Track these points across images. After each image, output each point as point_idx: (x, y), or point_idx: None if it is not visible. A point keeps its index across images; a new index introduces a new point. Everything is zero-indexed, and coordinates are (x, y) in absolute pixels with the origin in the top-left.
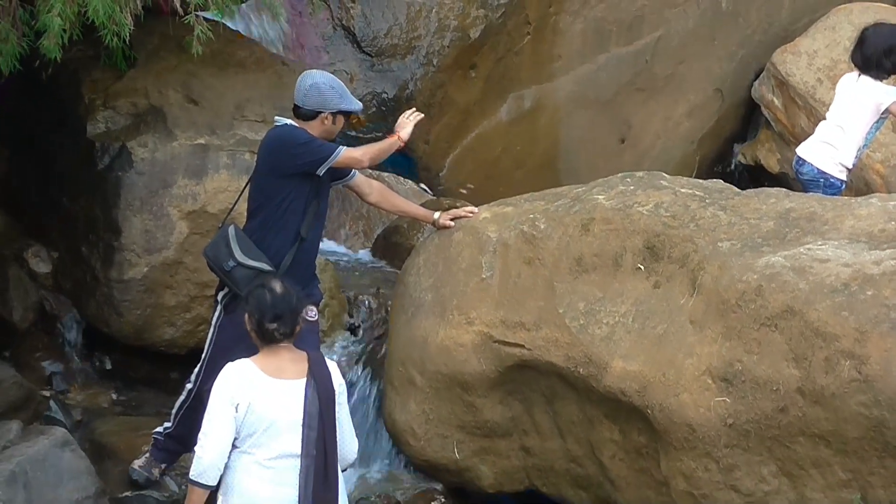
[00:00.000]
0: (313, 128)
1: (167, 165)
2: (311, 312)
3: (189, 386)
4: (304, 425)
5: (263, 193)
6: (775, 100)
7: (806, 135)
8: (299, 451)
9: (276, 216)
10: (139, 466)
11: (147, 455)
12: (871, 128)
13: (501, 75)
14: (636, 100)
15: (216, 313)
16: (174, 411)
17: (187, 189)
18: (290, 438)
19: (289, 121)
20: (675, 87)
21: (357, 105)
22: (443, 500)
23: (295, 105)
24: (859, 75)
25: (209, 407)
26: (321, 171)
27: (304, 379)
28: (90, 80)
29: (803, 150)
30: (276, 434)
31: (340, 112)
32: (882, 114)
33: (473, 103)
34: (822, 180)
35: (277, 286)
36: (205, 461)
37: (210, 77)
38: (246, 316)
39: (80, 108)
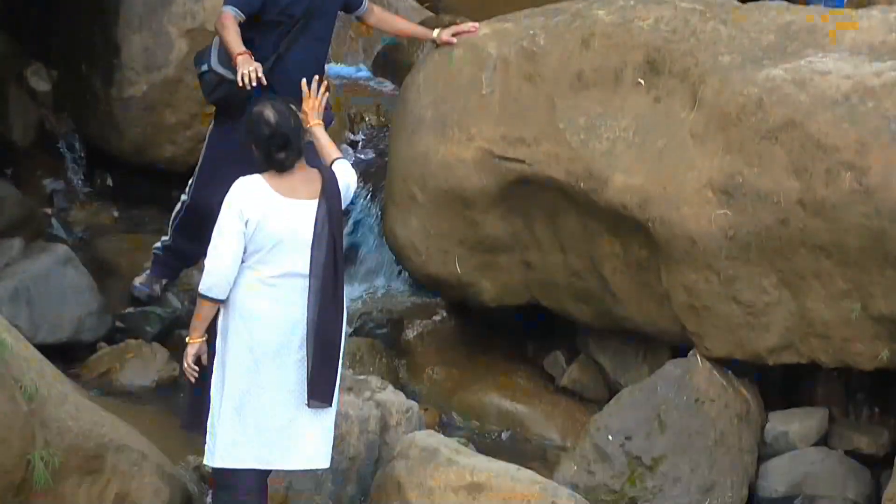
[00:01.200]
0: None
1: None
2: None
3: (183, 197)
4: (312, 246)
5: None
6: None
7: None
8: (307, 271)
9: (259, 27)
10: (140, 283)
11: (147, 272)
12: None
13: None
14: None
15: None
16: (170, 224)
17: (186, 7)
18: (297, 258)
19: None
20: None
21: None
22: (444, 313)
23: None
24: None
25: (219, 221)
26: None
27: (317, 200)
28: None
29: None
30: (282, 252)
31: None
32: None
33: None
34: None
35: (270, 112)
36: (214, 275)
37: None
38: (252, 146)
39: None
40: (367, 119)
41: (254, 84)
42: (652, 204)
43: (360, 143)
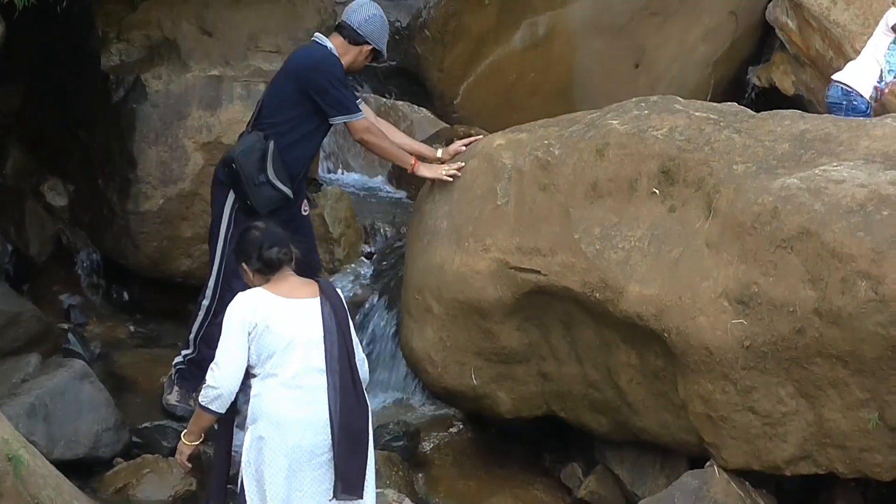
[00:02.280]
0: (349, 53)
1: (181, 97)
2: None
3: (206, 303)
4: (325, 340)
5: (282, 102)
6: (790, 22)
7: (820, 56)
8: (324, 366)
9: (290, 129)
10: (176, 401)
11: (177, 388)
12: (890, 49)
13: (515, 2)
14: (651, 24)
15: (224, 224)
16: (192, 336)
17: (202, 120)
18: (312, 354)
19: (330, 44)
20: (690, 11)
21: (385, 53)
22: (460, 426)
23: (343, 24)
24: None
25: (223, 335)
26: (333, 121)
27: (318, 298)
28: (103, 13)
29: (835, 75)
30: (296, 350)
31: (376, 51)
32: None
33: (487, 31)
34: (844, 102)
35: (261, 224)
36: (218, 389)
37: (224, 8)
38: (243, 267)
39: (93, 42)
40: (382, 230)
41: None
42: (668, 314)
43: (376, 254)
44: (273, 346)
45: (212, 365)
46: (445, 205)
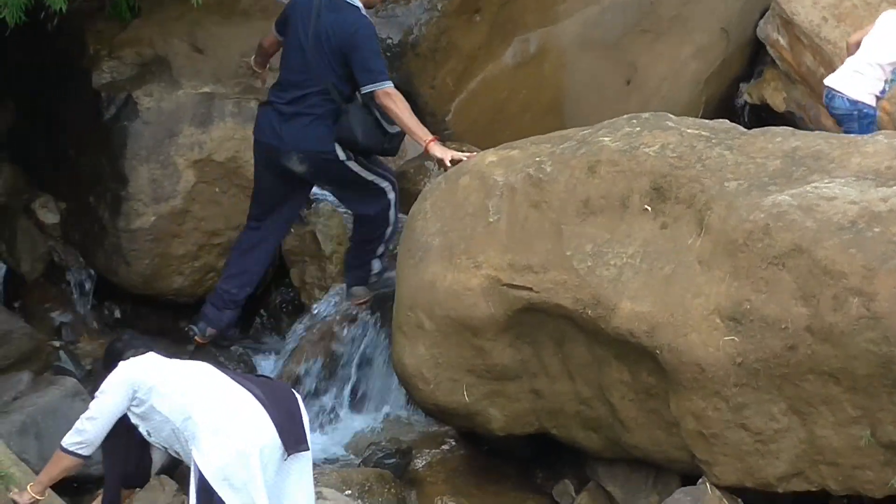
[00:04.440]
0: None
1: (173, 115)
2: None
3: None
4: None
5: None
6: (780, 39)
7: (811, 73)
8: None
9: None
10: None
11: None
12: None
13: (506, 19)
14: (642, 42)
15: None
16: None
17: (193, 138)
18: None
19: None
20: (681, 28)
21: None
22: (453, 443)
23: None
24: None
25: (105, 383)
26: (365, 89)
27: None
28: (95, 31)
29: (833, 82)
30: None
31: None
32: None
33: (478, 48)
34: (855, 112)
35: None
36: (89, 433)
37: (214, 26)
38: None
39: (85, 60)
40: None
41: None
42: (660, 331)
43: None
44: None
45: (85, 413)
46: (437, 222)
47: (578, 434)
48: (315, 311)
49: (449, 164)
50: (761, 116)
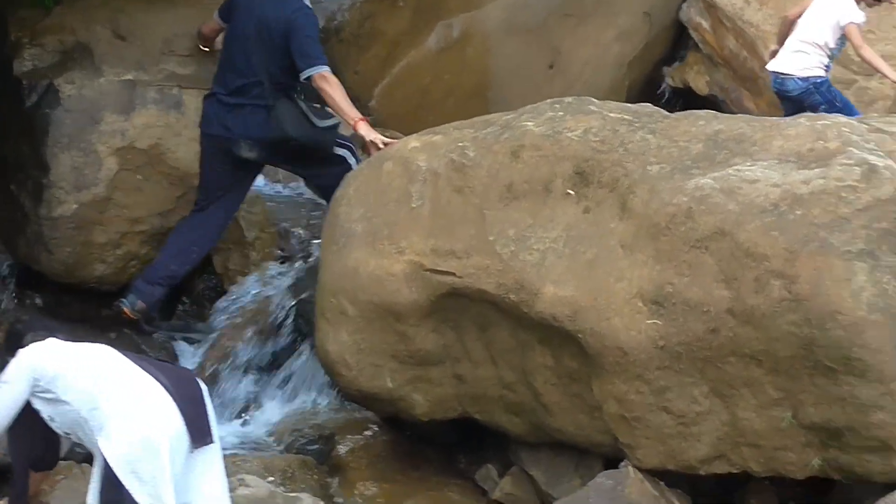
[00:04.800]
0: None
1: (95, 102)
2: None
3: None
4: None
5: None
6: (703, 22)
7: (734, 56)
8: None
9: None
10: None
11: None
12: (837, 43)
13: (430, 4)
14: (565, 26)
15: None
16: None
17: (115, 125)
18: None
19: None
20: (604, 12)
21: None
22: (376, 429)
23: None
24: None
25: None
26: (303, 75)
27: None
28: (17, 19)
29: (778, 66)
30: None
31: None
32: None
33: (402, 33)
34: (811, 87)
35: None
36: None
37: (138, 12)
38: None
39: (6, 47)
40: (296, 233)
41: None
42: (582, 315)
43: (291, 258)
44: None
45: None
46: (360, 207)
47: (502, 419)
48: (236, 297)
49: (373, 145)
50: (685, 99)
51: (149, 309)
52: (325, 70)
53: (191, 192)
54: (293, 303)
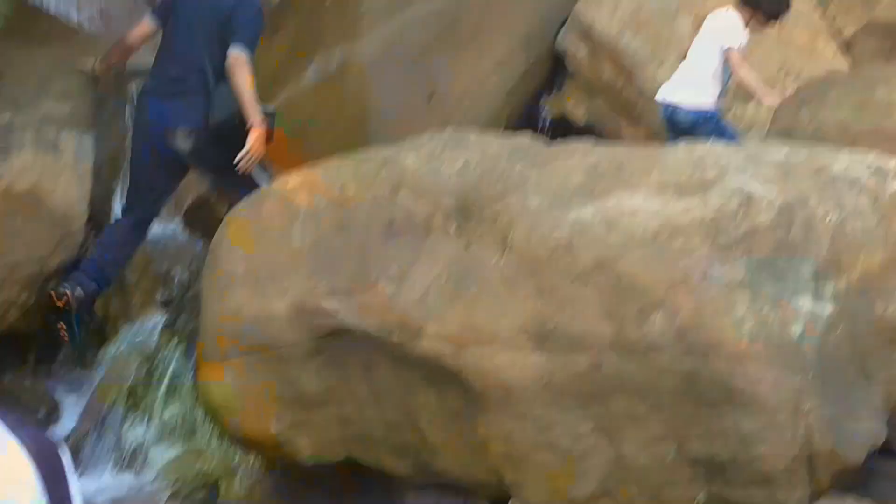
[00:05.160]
0: None
1: None
2: None
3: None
4: None
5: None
6: (579, 51)
7: (611, 85)
8: None
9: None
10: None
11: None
12: (726, 68)
13: (307, 37)
14: (442, 56)
15: None
16: None
17: None
18: None
19: None
20: (481, 43)
21: None
22: (262, 473)
23: None
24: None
25: None
26: (233, 49)
27: None
28: None
29: (667, 96)
30: None
31: None
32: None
33: (279, 67)
34: (700, 119)
35: None
36: None
37: (12, 51)
38: None
39: None
40: (177, 276)
41: None
42: (465, 352)
43: (173, 302)
44: None
45: None
46: (241, 248)
47: (387, 460)
48: (118, 344)
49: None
50: (564, 129)
51: (88, 298)
52: (246, 55)
53: (72, 235)
54: (176, 347)
